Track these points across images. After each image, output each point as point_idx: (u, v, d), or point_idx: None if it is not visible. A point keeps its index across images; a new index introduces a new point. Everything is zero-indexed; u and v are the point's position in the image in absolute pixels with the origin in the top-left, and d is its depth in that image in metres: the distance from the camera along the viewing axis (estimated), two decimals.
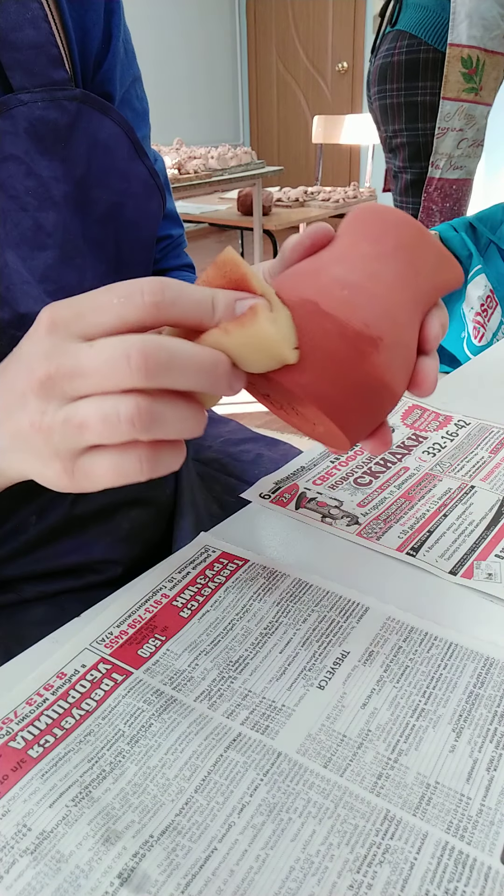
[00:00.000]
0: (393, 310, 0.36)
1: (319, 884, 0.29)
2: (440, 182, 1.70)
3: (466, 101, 1.59)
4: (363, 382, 0.34)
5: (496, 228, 1.40)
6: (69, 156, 0.50)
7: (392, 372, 0.35)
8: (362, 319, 0.34)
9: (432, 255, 0.38)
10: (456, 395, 0.72)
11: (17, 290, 0.49)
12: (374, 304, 0.35)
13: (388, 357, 0.35)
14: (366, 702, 0.37)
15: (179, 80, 4.88)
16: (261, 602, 0.44)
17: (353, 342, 0.34)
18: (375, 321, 0.34)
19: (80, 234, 0.52)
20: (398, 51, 1.59)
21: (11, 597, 0.56)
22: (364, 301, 0.35)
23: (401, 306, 0.36)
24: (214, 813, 0.31)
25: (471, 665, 0.39)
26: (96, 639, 0.41)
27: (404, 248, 0.37)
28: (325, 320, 0.34)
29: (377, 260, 0.36)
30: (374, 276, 0.36)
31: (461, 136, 1.62)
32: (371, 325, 0.34)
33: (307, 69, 5.09)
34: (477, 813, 0.31)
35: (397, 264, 0.37)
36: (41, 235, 0.49)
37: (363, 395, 0.35)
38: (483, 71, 1.57)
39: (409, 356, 0.37)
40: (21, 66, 0.47)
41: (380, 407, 0.36)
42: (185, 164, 2.59)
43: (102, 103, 0.51)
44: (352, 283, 0.35)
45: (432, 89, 1.59)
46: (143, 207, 0.56)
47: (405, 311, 0.37)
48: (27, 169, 0.48)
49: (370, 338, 0.34)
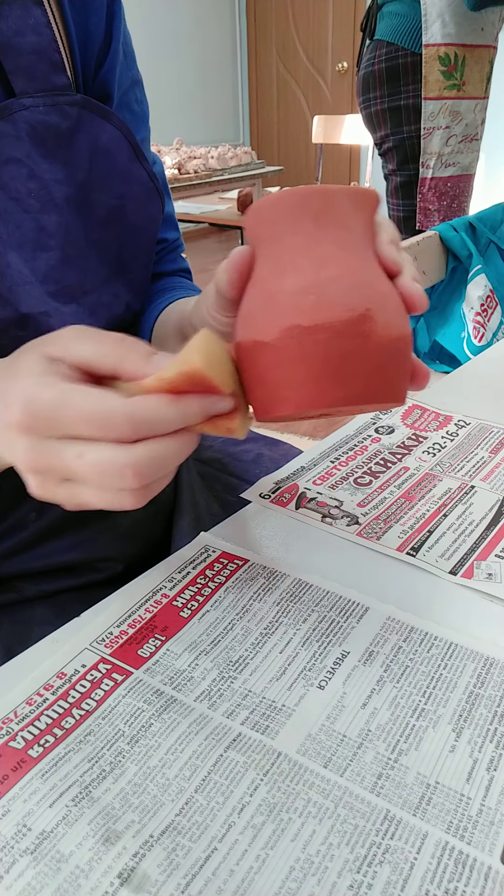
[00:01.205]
0: (356, 275, 0.35)
1: (319, 884, 0.29)
2: (433, 181, 1.69)
3: (449, 98, 1.59)
4: (382, 353, 0.35)
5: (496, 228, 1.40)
6: (71, 159, 0.50)
7: (394, 323, 0.35)
8: (343, 308, 0.34)
9: (344, 202, 0.37)
10: (456, 395, 0.72)
11: (19, 290, 0.49)
12: (341, 285, 0.35)
13: (383, 316, 0.35)
14: (366, 702, 0.37)
15: (179, 80, 4.88)
16: (261, 602, 0.44)
17: (353, 331, 0.34)
18: (353, 299, 0.34)
19: (81, 235, 0.52)
20: (378, 59, 1.62)
21: (12, 596, 0.56)
22: (332, 292, 0.34)
23: (358, 265, 0.36)
24: (214, 813, 0.31)
25: (471, 665, 0.39)
26: (96, 639, 0.41)
27: (319, 218, 0.36)
28: (317, 333, 0.34)
29: (308, 246, 0.36)
30: (318, 262, 0.35)
31: (448, 133, 1.62)
32: (354, 305, 0.34)
33: (307, 69, 5.09)
34: (477, 813, 0.31)
35: (326, 236, 0.36)
36: (43, 237, 0.50)
37: (389, 362, 0.35)
38: (464, 66, 1.56)
39: (392, 295, 0.36)
40: (23, 71, 0.48)
41: (403, 357, 0.36)
42: (185, 164, 2.59)
43: (103, 108, 0.52)
44: (309, 284, 0.35)
45: (414, 92, 1.60)
46: (143, 210, 0.57)
47: (364, 264, 0.36)
48: (29, 171, 0.48)
49: (361, 316, 0.34)
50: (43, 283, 0.50)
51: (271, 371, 0.35)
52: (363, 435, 0.64)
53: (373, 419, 0.67)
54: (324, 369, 0.34)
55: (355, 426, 0.66)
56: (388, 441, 0.63)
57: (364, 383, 0.35)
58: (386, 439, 0.63)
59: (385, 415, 0.68)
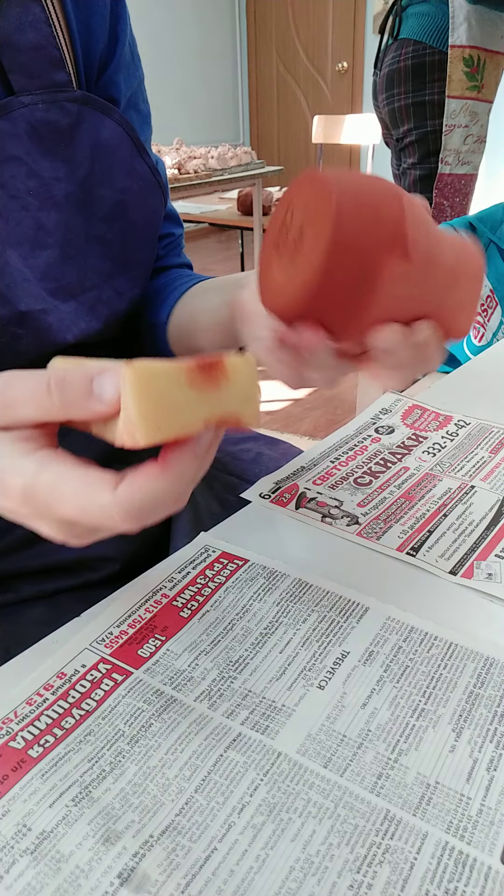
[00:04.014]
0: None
1: (319, 884, 0.29)
2: (450, 178, 1.75)
3: (470, 99, 1.66)
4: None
5: (496, 228, 1.40)
6: (72, 156, 0.50)
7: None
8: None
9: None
10: (456, 395, 0.72)
11: (17, 287, 0.49)
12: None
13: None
14: (366, 702, 0.37)
15: (179, 80, 4.88)
16: (261, 602, 0.44)
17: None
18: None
19: (82, 233, 0.52)
20: (404, 57, 1.67)
21: (10, 596, 0.56)
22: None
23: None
24: (214, 813, 0.31)
25: (471, 665, 0.39)
26: (96, 639, 0.41)
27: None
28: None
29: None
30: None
31: (467, 132, 1.70)
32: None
33: (307, 69, 5.09)
34: (477, 813, 0.31)
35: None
36: (42, 234, 0.50)
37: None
38: (485, 69, 1.64)
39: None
40: (22, 68, 0.48)
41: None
42: (185, 164, 2.59)
43: (103, 104, 0.52)
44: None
45: (439, 88, 1.65)
46: (146, 205, 0.57)
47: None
48: (28, 170, 0.48)
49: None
50: (42, 281, 0.50)
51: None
52: (363, 435, 0.64)
53: (373, 419, 0.67)
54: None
55: (355, 426, 0.66)
56: (388, 441, 0.63)
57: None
58: (386, 439, 0.63)
59: (385, 415, 0.68)
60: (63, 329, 0.52)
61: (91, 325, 0.54)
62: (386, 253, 0.34)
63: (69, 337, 0.52)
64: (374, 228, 0.33)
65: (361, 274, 0.34)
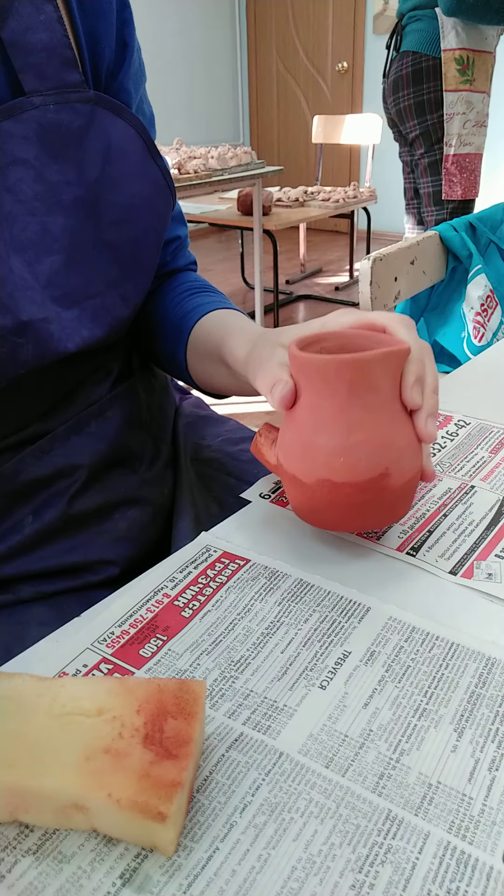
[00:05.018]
0: (379, 438, 0.42)
1: (321, 884, 0.29)
2: (455, 157, 2.15)
3: (464, 91, 2.07)
4: (395, 497, 0.44)
5: (496, 228, 1.40)
6: (82, 158, 0.50)
7: (407, 469, 0.44)
8: (366, 469, 0.42)
9: (376, 368, 0.42)
10: (456, 395, 0.72)
11: (20, 296, 0.48)
12: (364, 449, 0.42)
13: (398, 468, 0.43)
14: (367, 702, 0.37)
15: (179, 79, 4.88)
16: (262, 602, 0.44)
17: (373, 486, 0.43)
18: (375, 460, 0.42)
19: (89, 238, 0.52)
20: (405, 66, 2.12)
21: (9, 597, 0.55)
22: (358, 454, 0.42)
23: (383, 425, 0.43)
24: (216, 813, 0.31)
25: (472, 665, 0.39)
26: (98, 638, 0.41)
27: (352, 387, 0.42)
28: (344, 489, 0.43)
29: (341, 412, 0.42)
30: (348, 427, 0.42)
31: (465, 118, 2.11)
32: (375, 466, 0.42)
33: (307, 69, 5.09)
34: (479, 813, 0.31)
35: (357, 402, 0.42)
36: (48, 240, 0.49)
37: (400, 500, 0.45)
38: (474, 65, 2.05)
39: (408, 442, 0.44)
40: (33, 69, 0.47)
41: (411, 490, 0.45)
42: (185, 164, 2.58)
43: (116, 104, 0.51)
44: (339, 446, 0.42)
45: (434, 88, 2.08)
46: (155, 208, 0.56)
47: (388, 421, 0.43)
48: (36, 174, 0.48)
49: (380, 475, 0.43)
50: (46, 288, 0.50)
51: (306, 500, 0.45)
52: None
53: None
54: (347, 511, 0.44)
55: None
56: None
57: (378, 518, 0.46)
58: None
59: None
60: (65, 338, 0.51)
61: (94, 332, 0.54)
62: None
63: (71, 346, 0.52)
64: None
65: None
